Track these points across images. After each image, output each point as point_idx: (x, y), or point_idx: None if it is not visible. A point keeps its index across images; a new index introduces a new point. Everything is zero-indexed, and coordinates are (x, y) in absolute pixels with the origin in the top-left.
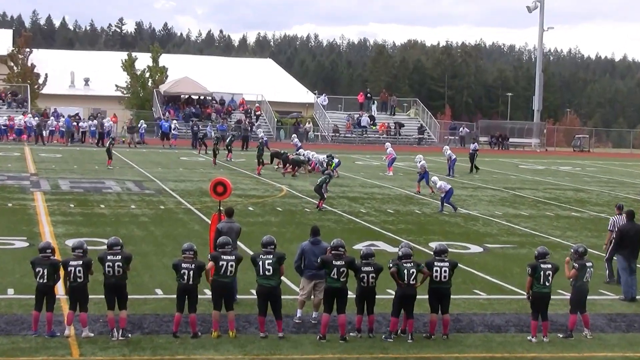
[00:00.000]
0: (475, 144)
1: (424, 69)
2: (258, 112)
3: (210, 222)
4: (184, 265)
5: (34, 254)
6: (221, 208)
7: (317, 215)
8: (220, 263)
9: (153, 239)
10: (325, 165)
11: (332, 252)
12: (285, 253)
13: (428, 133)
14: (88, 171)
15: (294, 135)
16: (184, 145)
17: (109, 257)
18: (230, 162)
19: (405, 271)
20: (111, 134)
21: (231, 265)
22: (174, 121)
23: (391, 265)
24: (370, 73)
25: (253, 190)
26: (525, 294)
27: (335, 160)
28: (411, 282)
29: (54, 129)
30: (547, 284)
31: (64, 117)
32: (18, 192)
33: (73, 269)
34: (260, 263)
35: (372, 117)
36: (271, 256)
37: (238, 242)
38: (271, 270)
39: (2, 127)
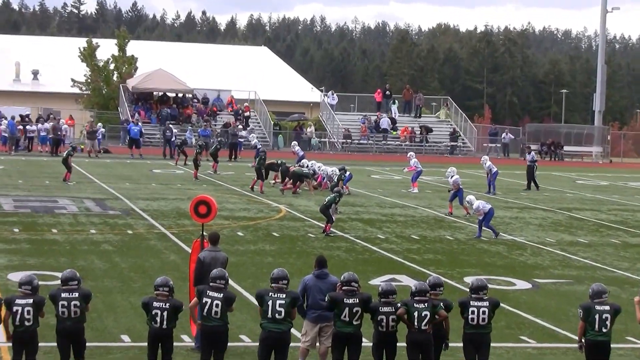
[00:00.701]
0: (532, 153)
1: (457, 60)
2: (247, 113)
3: (190, 250)
4: (156, 304)
5: None
6: (204, 233)
7: (324, 242)
8: (204, 300)
9: (118, 272)
10: (335, 180)
11: (343, 288)
12: (298, 294)
13: (462, 140)
14: (37, 187)
15: (295, 142)
16: (157, 155)
17: (63, 295)
18: (215, 175)
19: (416, 313)
20: (71, 142)
21: (216, 305)
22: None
23: (400, 304)
24: (390, 65)
25: (243, 210)
26: (577, 342)
27: (347, 174)
28: (423, 326)
29: None
30: (604, 330)
31: (6, 119)
32: None
33: (20, 309)
34: (270, 303)
35: (393, 120)
36: (284, 295)
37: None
38: (283, 313)
39: None
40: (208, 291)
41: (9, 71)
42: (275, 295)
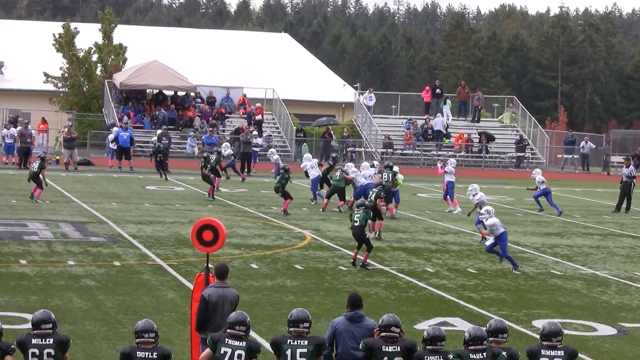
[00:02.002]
0: (631, 167)
1: (525, 51)
2: (258, 116)
3: (192, 287)
4: (140, 355)
5: None
6: (209, 265)
7: (359, 277)
8: (222, 350)
9: (102, 313)
10: (388, 179)
11: (382, 334)
12: (324, 339)
13: (531, 149)
14: (1, 207)
15: (334, 154)
16: (150, 168)
17: (34, 342)
18: (222, 194)
19: None
20: (43, 151)
21: (238, 357)
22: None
23: (452, 356)
24: (441, 56)
25: (258, 237)
26: None
27: (400, 177)
28: None
29: None
30: None
31: None
32: None
33: None
34: (289, 353)
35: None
36: (306, 342)
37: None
38: None
39: None
40: (227, 339)
41: None
42: (295, 343)
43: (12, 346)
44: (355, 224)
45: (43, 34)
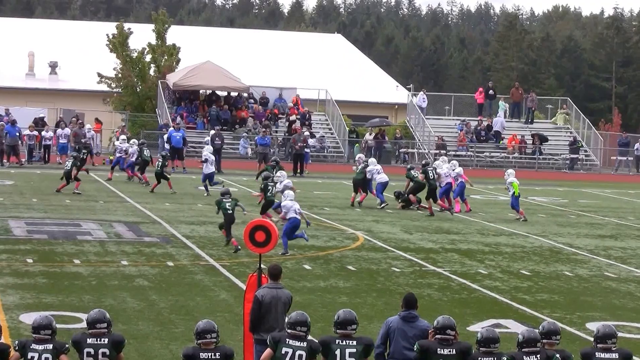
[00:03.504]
0: None
1: (578, 52)
2: (293, 116)
3: (245, 287)
4: (202, 356)
5: None
6: (262, 266)
7: (412, 278)
8: (284, 351)
9: (156, 313)
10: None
11: (437, 335)
12: (372, 340)
13: (585, 151)
14: (55, 207)
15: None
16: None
17: (89, 341)
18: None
19: None
20: (90, 148)
21: (299, 358)
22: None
23: (506, 358)
24: (495, 58)
25: (311, 237)
26: None
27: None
28: None
29: None
30: None
31: (15, 123)
32: None
33: (36, 356)
34: (338, 353)
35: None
36: (354, 342)
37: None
38: None
39: None
40: (288, 340)
41: (21, 64)
42: (344, 343)
43: (67, 345)
44: (228, 211)
45: (97, 35)
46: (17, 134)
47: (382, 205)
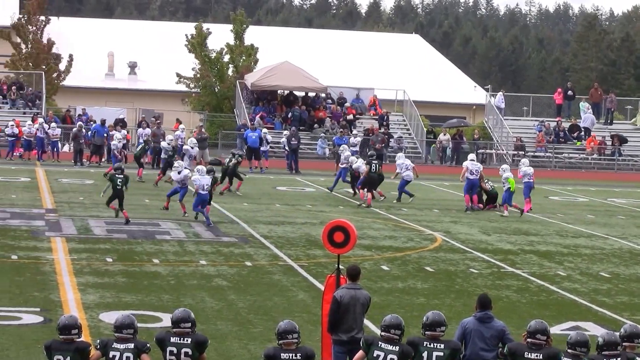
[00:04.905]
0: None
1: None
2: (350, 115)
3: (323, 288)
4: (283, 357)
5: (50, 335)
6: (341, 267)
7: (490, 280)
8: (376, 354)
9: (234, 313)
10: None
11: (528, 339)
12: (459, 344)
13: None
14: (134, 207)
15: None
16: (281, 168)
17: (172, 340)
18: (355, 197)
19: None
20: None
21: None
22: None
23: None
24: (573, 58)
25: (389, 238)
26: None
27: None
28: None
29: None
30: None
31: (95, 122)
32: (27, 238)
33: (118, 355)
34: (425, 355)
35: (576, 127)
36: (442, 346)
37: (365, 320)
38: None
39: (9, 139)
40: (380, 343)
41: (101, 64)
42: (432, 345)
43: (148, 345)
44: (117, 187)
45: (175, 35)
46: (105, 134)
47: (382, 199)
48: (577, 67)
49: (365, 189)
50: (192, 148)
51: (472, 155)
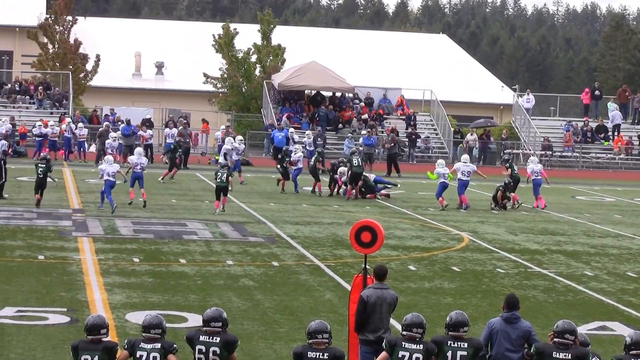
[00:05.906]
0: None
1: None
2: (364, 115)
3: (350, 287)
4: (310, 355)
5: (77, 335)
6: (367, 267)
7: (517, 279)
8: (401, 354)
9: (260, 313)
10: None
11: (555, 339)
12: (482, 343)
13: None
14: (161, 207)
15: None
16: (306, 168)
17: (201, 338)
18: (386, 198)
19: None
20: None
21: None
22: (291, 130)
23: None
24: (601, 58)
25: (416, 238)
26: None
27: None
28: None
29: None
30: None
31: (122, 122)
32: (54, 238)
33: (145, 355)
34: (450, 354)
35: (603, 128)
36: (466, 345)
37: (392, 320)
38: None
39: (37, 139)
40: (404, 343)
41: (128, 64)
42: (456, 345)
43: (175, 345)
44: (39, 175)
45: (202, 35)
46: (132, 132)
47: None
48: (604, 67)
49: (351, 185)
50: (238, 145)
51: (465, 157)
